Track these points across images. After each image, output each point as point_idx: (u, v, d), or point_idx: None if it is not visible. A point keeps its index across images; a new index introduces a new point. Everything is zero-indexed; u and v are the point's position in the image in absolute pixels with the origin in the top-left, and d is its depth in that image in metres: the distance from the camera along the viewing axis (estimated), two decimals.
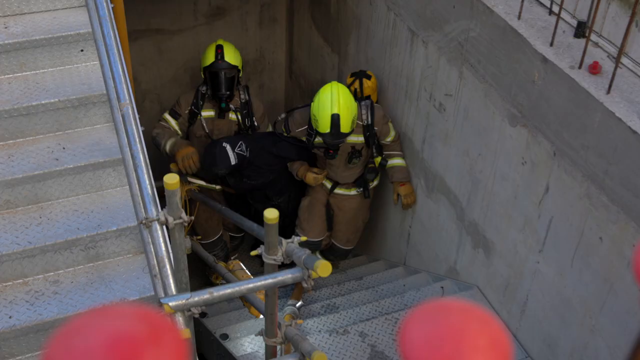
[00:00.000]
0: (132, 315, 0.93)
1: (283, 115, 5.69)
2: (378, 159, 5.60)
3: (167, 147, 5.59)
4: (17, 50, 4.03)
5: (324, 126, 5.10)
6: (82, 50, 4.16)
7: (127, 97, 3.25)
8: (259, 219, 5.58)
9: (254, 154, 5.55)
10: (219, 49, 5.62)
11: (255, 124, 5.83)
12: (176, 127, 5.74)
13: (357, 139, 5.40)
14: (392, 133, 5.47)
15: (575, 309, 3.96)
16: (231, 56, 5.64)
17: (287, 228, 5.85)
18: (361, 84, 5.62)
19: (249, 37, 7.94)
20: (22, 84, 4.02)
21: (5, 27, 4.09)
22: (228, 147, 5.43)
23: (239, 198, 6.28)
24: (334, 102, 5.06)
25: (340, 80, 6.68)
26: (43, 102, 3.91)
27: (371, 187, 5.83)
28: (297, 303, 5.47)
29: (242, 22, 7.85)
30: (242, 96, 5.80)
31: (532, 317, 4.38)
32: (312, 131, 5.31)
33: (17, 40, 4.01)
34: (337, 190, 5.82)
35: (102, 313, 0.93)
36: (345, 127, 5.09)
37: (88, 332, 0.89)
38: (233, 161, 5.43)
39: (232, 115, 5.79)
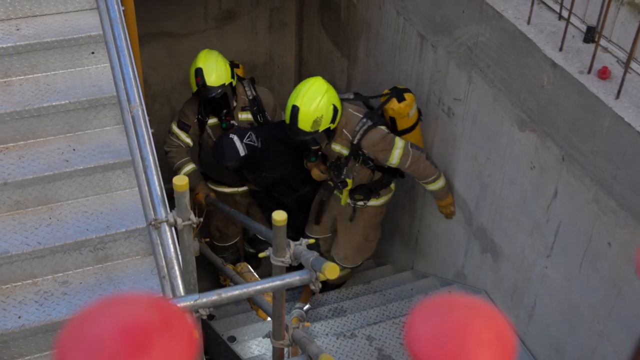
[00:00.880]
0: (143, 303, 0.94)
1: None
2: (349, 182, 5.19)
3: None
4: (28, 52, 4.06)
5: (286, 117, 4.92)
6: (93, 53, 4.18)
7: (137, 99, 3.27)
8: (288, 211, 5.56)
9: (266, 144, 5.34)
10: (198, 76, 5.24)
11: (269, 119, 5.57)
12: (187, 140, 5.53)
13: (343, 150, 5.05)
14: (395, 161, 4.92)
15: (583, 314, 3.95)
16: (213, 77, 5.23)
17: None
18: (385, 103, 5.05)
19: (258, 41, 7.96)
20: (34, 85, 4.04)
21: (17, 29, 4.12)
22: (235, 139, 5.21)
23: (268, 197, 5.94)
24: (299, 95, 4.82)
25: (349, 85, 6.70)
26: (54, 103, 3.93)
27: (361, 205, 5.37)
28: (304, 306, 5.47)
29: (252, 26, 7.87)
30: (249, 92, 5.52)
31: (539, 321, 4.37)
32: None
33: (28, 42, 4.04)
34: (336, 192, 5.47)
35: (113, 301, 0.94)
36: (303, 122, 4.80)
37: (100, 320, 0.90)
38: (242, 152, 5.20)
39: (242, 116, 5.51)
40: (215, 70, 5.23)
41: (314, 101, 4.80)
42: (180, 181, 2.77)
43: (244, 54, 7.80)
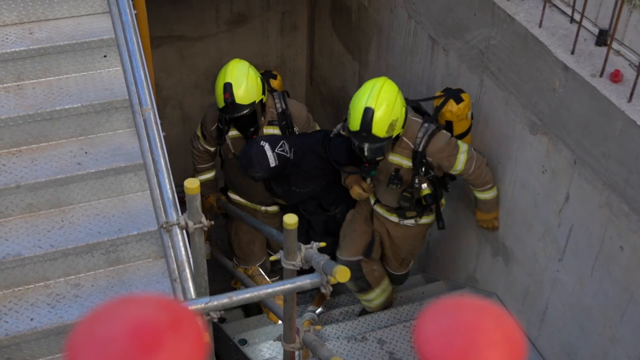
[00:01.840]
0: (154, 304, 0.94)
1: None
2: (424, 191, 4.62)
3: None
4: (41, 56, 4.08)
5: (354, 122, 4.29)
6: (105, 56, 4.20)
7: (149, 103, 3.28)
8: (314, 233, 5.38)
9: (300, 155, 4.79)
10: (226, 92, 4.65)
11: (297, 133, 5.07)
12: (207, 147, 5.19)
13: (403, 161, 4.52)
14: (460, 167, 4.45)
15: (595, 318, 3.93)
16: (244, 95, 4.69)
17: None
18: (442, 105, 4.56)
19: (270, 44, 7.98)
20: (46, 89, 4.06)
21: (30, 33, 4.14)
22: (267, 147, 4.61)
23: (292, 210, 5.26)
24: (372, 95, 4.26)
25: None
26: (66, 107, 3.95)
27: (414, 218, 4.86)
28: (317, 309, 5.44)
29: (263, 30, 7.88)
30: (278, 105, 4.99)
31: (551, 325, 4.36)
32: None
33: (41, 45, 4.06)
34: (378, 209, 4.95)
35: (124, 302, 0.94)
36: (378, 127, 4.22)
37: (111, 320, 0.90)
38: (272, 163, 4.61)
39: (268, 130, 4.96)
40: (245, 86, 4.69)
41: (389, 102, 4.25)
42: (192, 184, 2.77)
43: (256, 57, 7.81)
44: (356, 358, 4.62)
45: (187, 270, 2.85)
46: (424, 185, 4.57)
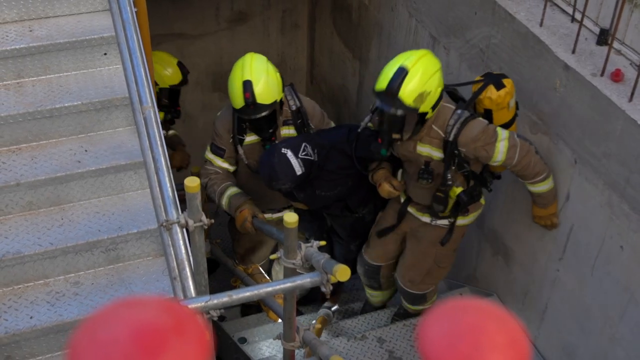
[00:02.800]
0: (156, 306, 0.94)
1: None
2: (456, 190, 4.11)
3: (224, 205, 4.53)
4: (41, 54, 4.07)
5: (383, 82, 3.83)
6: (105, 54, 4.20)
7: (149, 101, 3.28)
8: (338, 238, 5.05)
9: (323, 155, 4.29)
10: (247, 91, 4.14)
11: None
12: (224, 165, 4.56)
13: (433, 152, 4.02)
14: (501, 157, 3.89)
15: (595, 318, 3.93)
16: (265, 93, 4.19)
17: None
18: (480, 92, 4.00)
19: (270, 42, 7.97)
20: (46, 86, 4.06)
21: (30, 31, 4.14)
22: (290, 154, 4.13)
23: (312, 213, 4.92)
24: (410, 58, 3.83)
25: (361, 87, 6.70)
26: (66, 104, 3.94)
27: (447, 219, 4.32)
28: (333, 306, 5.33)
29: (264, 28, 7.88)
30: (292, 102, 4.50)
31: (551, 325, 4.36)
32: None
33: (41, 43, 4.05)
34: (409, 208, 4.44)
35: (126, 304, 0.94)
36: (406, 91, 3.76)
37: (113, 322, 0.90)
38: (299, 170, 4.14)
39: (284, 131, 4.49)
40: (266, 83, 4.20)
41: (426, 71, 3.77)
42: (192, 182, 2.77)
43: None
44: (356, 357, 4.62)
45: (187, 269, 2.85)
46: (457, 183, 4.09)
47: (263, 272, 5.41)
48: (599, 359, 3.96)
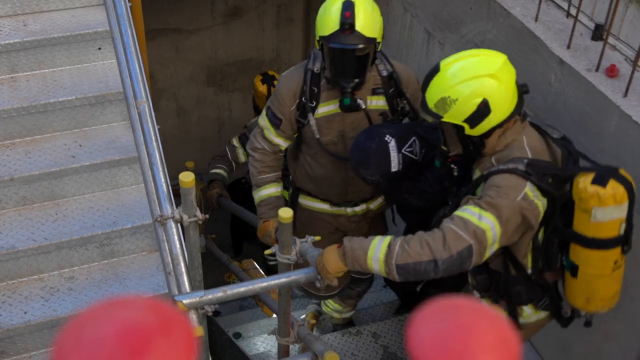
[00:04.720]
0: (143, 306, 0.93)
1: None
2: None
3: (255, 201, 3.98)
4: (35, 48, 4.07)
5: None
6: (99, 49, 4.19)
7: (143, 96, 3.27)
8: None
9: (429, 159, 3.46)
10: (347, 10, 3.38)
11: (409, 107, 3.81)
12: (276, 140, 3.79)
13: None
14: None
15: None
16: (368, 22, 3.44)
17: None
18: None
19: (265, 37, 7.96)
20: (40, 81, 4.05)
21: (24, 25, 4.12)
22: (392, 145, 3.42)
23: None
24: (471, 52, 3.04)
25: None
26: (60, 99, 3.94)
27: None
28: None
29: (259, 22, 7.86)
30: (381, 67, 3.77)
31: None
32: None
33: (35, 38, 4.04)
34: None
35: (112, 304, 0.93)
36: (433, 91, 2.93)
37: (99, 322, 0.90)
38: (395, 167, 3.43)
39: (372, 102, 3.72)
40: (372, 13, 3.49)
41: (470, 71, 2.89)
42: (187, 177, 2.77)
43: (251, 50, 7.80)
44: (350, 352, 4.62)
45: (182, 264, 2.84)
46: None
47: (258, 267, 5.42)
48: (593, 355, 3.96)
